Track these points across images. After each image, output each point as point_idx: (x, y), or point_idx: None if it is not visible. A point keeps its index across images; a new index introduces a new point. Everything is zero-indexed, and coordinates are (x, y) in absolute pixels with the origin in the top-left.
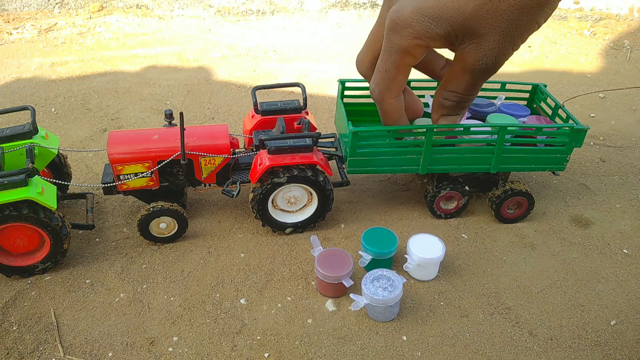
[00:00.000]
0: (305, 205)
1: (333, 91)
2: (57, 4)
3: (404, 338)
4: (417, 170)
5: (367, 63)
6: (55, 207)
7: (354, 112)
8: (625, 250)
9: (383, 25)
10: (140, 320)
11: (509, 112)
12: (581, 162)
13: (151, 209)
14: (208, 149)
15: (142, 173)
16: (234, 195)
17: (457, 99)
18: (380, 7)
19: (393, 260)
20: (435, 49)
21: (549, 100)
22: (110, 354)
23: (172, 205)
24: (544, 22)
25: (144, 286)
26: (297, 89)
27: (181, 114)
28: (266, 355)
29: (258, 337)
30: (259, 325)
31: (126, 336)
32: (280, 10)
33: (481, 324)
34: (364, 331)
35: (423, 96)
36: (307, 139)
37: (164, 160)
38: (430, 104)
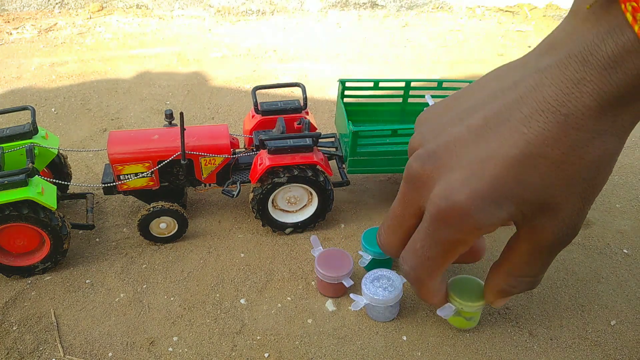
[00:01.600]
0: (306, 205)
1: (333, 91)
2: (57, 4)
3: (404, 338)
4: None
5: (397, 244)
6: (55, 207)
7: (354, 112)
8: (625, 250)
9: (405, 206)
10: (140, 320)
11: None
12: None
13: (151, 209)
14: (208, 149)
15: (142, 173)
16: (234, 195)
17: (529, 285)
18: (380, 7)
19: (393, 260)
20: None
21: None
22: (110, 354)
23: (173, 205)
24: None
25: (144, 286)
26: (298, 89)
27: (181, 114)
28: (266, 355)
29: (258, 337)
30: (259, 325)
31: (126, 336)
32: (280, 10)
33: (481, 324)
34: (364, 331)
35: (423, 96)
36: (307, 139)
37: (164, 160)
38: (430, 103)
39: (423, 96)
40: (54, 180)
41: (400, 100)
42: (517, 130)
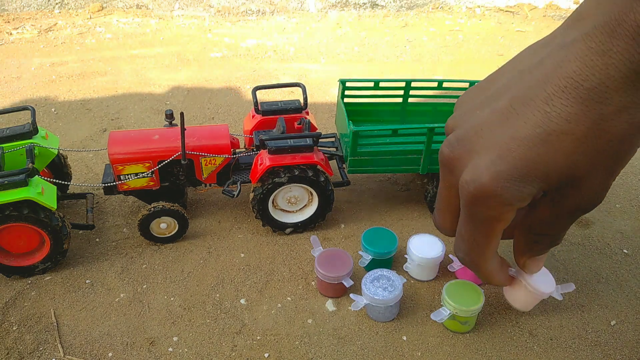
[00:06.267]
0: (306, 205)
1: (333, 91)
2: (57, 4)
3: (404, 338)
4: (417, 170)
5: (449, 224)
6: (55, 207)
7: (355, 112)
8: (625, 251)
9: (448, 189)
10: (140, 320)
11: None
12: None
13: (152, 209)
14: (208, 149)
15: (142, 173)
16: (234, 195)
17: (552, 240)
18: (381, 7)
19: (393, 260)
20: None
21: None
22: (110, 354)
23: (173, 206)
24: None
25: (144, 286)
26: (298, 89)
27: (182, 114)
28: (266, 355)
29: (258, 337)
30: (259, 325)
31: (126, 336)
32: (280, 10)
33: (481, 324)
34: (364, 331)
35: (423, 96)
36: (307, 139)
37: (164, 160)
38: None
39: (423, 96)
40: (54, 180)
41: (400, 100)
42: (540, 110)
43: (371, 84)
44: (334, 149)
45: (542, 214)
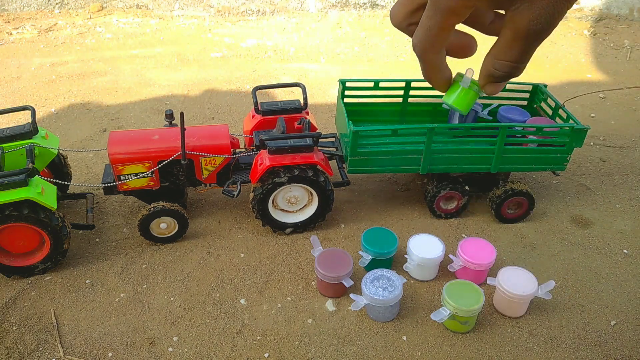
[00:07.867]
0: (306, 205)
1: (333, 91)
2: (57, 4)
3: (404, 338)
4: (417, 170)
5: (401, 16)
6: (55, 207)
7: (354, 112)
8: (625, 250)
9: None
10: (140, 320)
11: (508, 116)
12: (581, 162)
13: (152, 209)
14: (208, 149)
15: (142, 173)
16: (234, 195)
17: (509, 69)
18: (381, 7)
19: (393, 260)
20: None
21: (549, 100)
22: (110, 354)
23: (173, 206)
24: None
25: (144, 286)
26: (298, 89)
27: (182, 114)
28: (266, 355)
29: (258, 337)
30: (259, 325)
31: (126, 336)
32: (280, 10)
33: (481, 324)
34: (364, 331)
35: (423, 96)
36: (307, 139)
37: (164, 160)
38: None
39: (423, 96)
40: (54, 180)
41: (400, 100)
42: None
43: (371, 84)
44: (334, 149)
45: (504, 38)
